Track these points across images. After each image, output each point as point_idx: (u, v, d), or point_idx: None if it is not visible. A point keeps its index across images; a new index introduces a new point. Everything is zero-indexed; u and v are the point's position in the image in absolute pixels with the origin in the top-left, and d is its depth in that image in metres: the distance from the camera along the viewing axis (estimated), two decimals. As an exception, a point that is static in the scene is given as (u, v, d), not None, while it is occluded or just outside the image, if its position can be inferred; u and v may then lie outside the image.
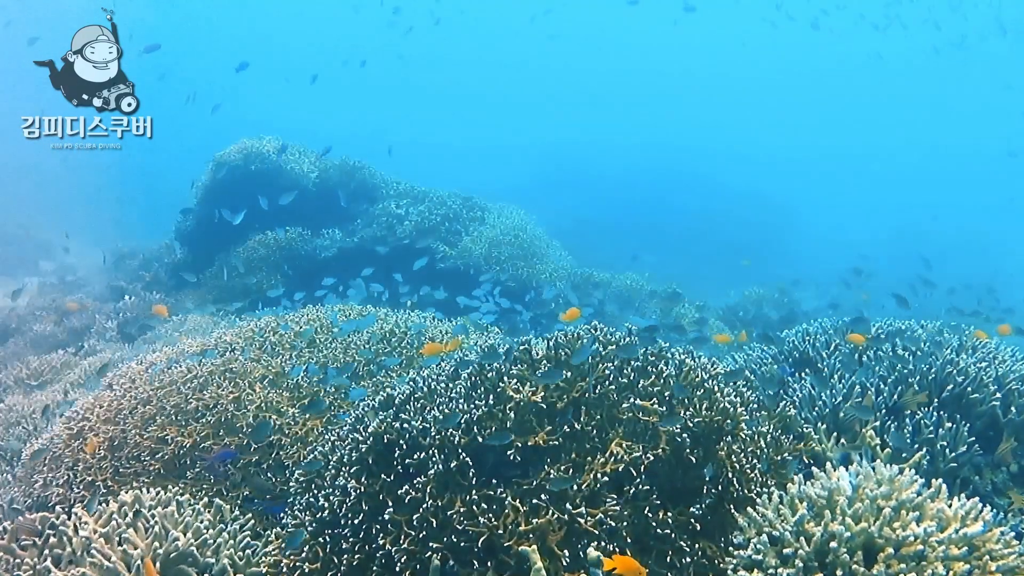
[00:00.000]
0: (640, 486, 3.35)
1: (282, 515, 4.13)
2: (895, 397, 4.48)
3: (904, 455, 4.25)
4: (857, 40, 36.94)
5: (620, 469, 3.39)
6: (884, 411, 4.39)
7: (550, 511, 3.29)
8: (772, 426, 4.11)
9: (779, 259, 21.92)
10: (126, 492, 4.34)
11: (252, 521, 4.38)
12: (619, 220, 23.54)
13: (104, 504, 4.16)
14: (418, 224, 10.40)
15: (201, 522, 4.07)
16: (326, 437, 4.25)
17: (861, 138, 36.55)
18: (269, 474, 4.65)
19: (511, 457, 3.47)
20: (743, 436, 3.57)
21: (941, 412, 4.41)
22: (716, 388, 3.70)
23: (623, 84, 43.32)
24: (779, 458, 3.87)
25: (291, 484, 4.13)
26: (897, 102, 37.99)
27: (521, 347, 4.00)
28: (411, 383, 4.06)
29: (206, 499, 4.41)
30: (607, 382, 3.71)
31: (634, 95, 41.96)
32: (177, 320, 9.11)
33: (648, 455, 3.40)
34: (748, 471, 3.56)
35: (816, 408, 4.38)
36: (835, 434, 4.25)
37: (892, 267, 20.88)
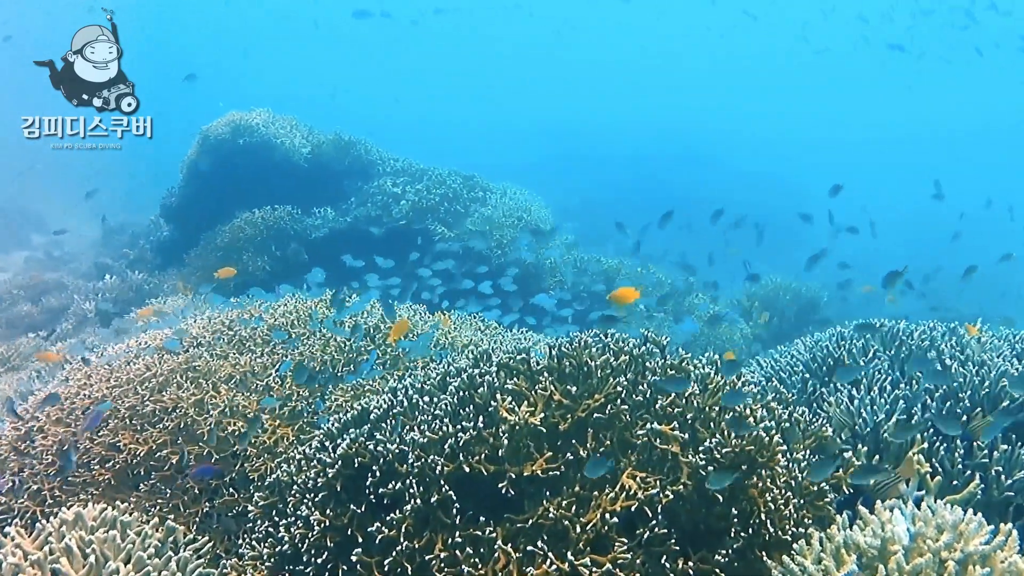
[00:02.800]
0: (656, 529, 2.80)
1: (240, 542, 3.60)
2: (943, 413, 3.92)
3: (955, 483, 3.71)
4: (868, 22, 35.96)
5: (633, 508, 2.84)
6: (931, 430, 3.83)
7: (548, 559, 2.74)
8: (806, 447, 3.56)
9: (790, 242, 21.28)
10: (68, 508, 3.86)
11: (211, 543, 3.86)
12: (628, 200, 22.86)
13: (47, 520, 3.67)
14: (415, 204, 9.80)
15: (147, 548, 3.55)
16: (291, 454, 3.71)
17: (873, 119, 35.75)
18: (231, 489, 4.12)
19: (503, 491, 2.92)
20: (779, 470, 3.01)
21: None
22: (747, 411, 3.14)
23: (633, 64, 42.49)
24: (816, 488, 3.32)
25: (250, 508, 3.59)
26: (911, 82, 37.08)
27: (518, 355, 3.44)
28: (389, 395, 3.51)
29: (156, 519, 3.87)
30: (619, 400, 3.16)
31: (644, 75, 41.13)
32: (157, 303, 8.57)
33: (666, 491, 2.85)
34: (782, 507, 3.01)
35: (856, 426, 3.82)
36: (877, 457, 3.70)
37: (904, 253, 20.29)
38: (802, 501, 3.17)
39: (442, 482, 2.94)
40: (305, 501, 3.20)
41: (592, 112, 34.13)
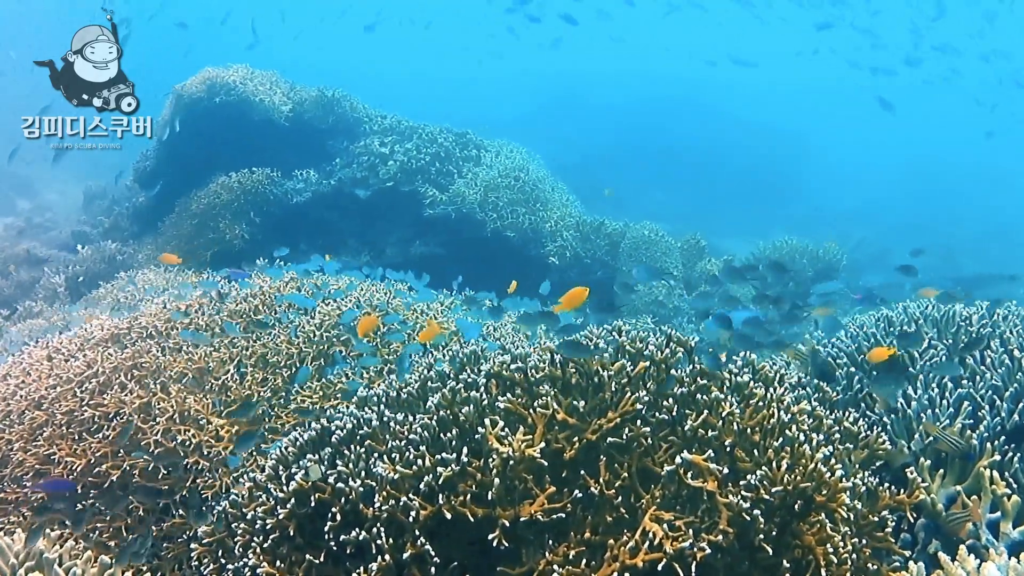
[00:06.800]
0: (689, 592, 2.21)
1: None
2: (1015, 416, 3.32)
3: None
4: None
5: (660, 562, 2.24)
6: (1003, 437, 3.23)
7: (552, 635, 2.16)
8: (859, 463, 2.97)
9: (792, 193, 20.70)
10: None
11: (156, 577, 3.29)
12: (628, 153, 22.13)
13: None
14: (404, 164, 9.09)
15: (75, 594, 2.98)
16: (243, 478, 3.10)
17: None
18: (180, 511, 3.53)
19: (494, 543, 2.32)
20: (841, 514, 2.40)
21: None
22: (800, 435, 2.51)
23: (629, 9, 41.20)
24: (875, 518, 2.73)
25: (192, 546, 3.00)
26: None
27: (511, 364, 2.81)
28: (356, 408, 2.90)
29: (89, 553, 3.28)
30: (637, 420, 2.54)
31: (642, 22, 39.88)
32: (127, 277, 7.94)
33: (700, 542, 2.25)
34: (842, 549, 2.41)
35: (916, 435, 3.22)
36: (940, 472, 3.10)
37: (905, 205, 19.71)
38: (862, 540, 2.58)
39: (417, 532, 2.34)
40: (253, 545, 2.61)
41: (589, 63, 33.07)
